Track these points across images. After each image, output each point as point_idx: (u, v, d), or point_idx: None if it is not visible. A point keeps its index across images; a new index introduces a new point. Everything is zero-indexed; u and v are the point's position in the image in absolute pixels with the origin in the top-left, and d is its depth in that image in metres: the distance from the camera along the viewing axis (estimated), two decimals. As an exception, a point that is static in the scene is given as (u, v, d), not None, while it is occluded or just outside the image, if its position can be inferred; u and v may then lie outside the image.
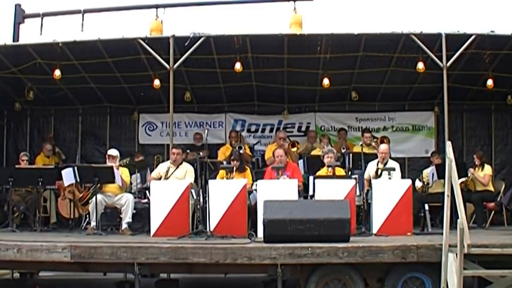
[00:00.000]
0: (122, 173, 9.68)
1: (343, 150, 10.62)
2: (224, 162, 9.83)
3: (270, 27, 14.87)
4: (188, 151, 10.53)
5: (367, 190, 9.28)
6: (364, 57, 11.10)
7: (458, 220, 6.64)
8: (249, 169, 9.91)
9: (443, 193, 7.25)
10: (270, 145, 11.75)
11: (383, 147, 9.77)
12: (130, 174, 10.07)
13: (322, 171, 9.60)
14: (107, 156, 9.87)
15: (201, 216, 8.88)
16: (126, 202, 9.37)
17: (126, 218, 9.33)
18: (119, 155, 9.87)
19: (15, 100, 12.57)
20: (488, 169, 10.37)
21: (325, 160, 9.54)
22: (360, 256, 7.15)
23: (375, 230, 8.62)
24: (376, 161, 9.61)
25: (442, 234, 7.07)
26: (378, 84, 12.25)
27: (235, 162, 9.42)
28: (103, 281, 9.01)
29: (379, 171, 9.33)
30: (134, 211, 9.55)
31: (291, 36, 10.21)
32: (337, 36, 10.11)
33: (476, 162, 10.47)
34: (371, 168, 9.57)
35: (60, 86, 12.06)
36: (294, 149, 11.12)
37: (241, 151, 10.81)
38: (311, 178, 9.17)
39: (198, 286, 9.75)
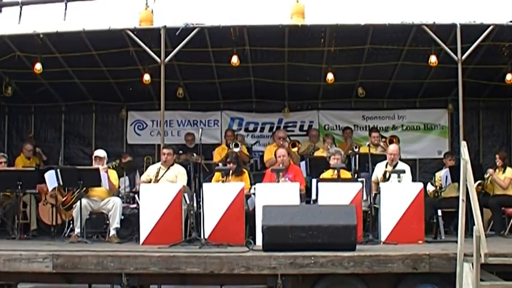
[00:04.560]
0: (110, 176, 9.61)
1: (355, 150, 10.60)
2: (220, 164, 9.81)
3: (270, 17, 14.84)
4: (180, 152, 10.52)
5: (375, 194, 9.28)
6: (371, 50, 11.14)
7: (475, 227, 6.62)
8: (246, 172, 9.91)
9: (457, 198, 7.26)
10: (269, 146, 11.75)
11: (392, 147, 9.78)
12: (118, 177, 10.02)
13: (327, 174, 9.60)
14: (93, 157, 9.84)
15: (195, 223, 8.87)
16: (114, 206, 9.28)
17: (114, 223, 9.26)
18: (106, 156, 9.83)
19: (-9, 96, 12.56)
20: (509, 172, 10.21)
21: (331, 162, 9.54)
22: (367, 266, 7.15)
23: (383, 237, 8.62)
24: (384, 162, 9.62)
25: (456, 242, 7.06)
26: (387, 79, 12.29)
27: (231, 164, 9.43)
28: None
29: (388, 174, 9.34)
30: (122, 217, 9.53)
31: (292, 27, 10.20)
32: (342, 28, 10.12)
33: (497, 163, 10.30)
34: (379, 170, 9.58)
35: (41, 81, 12.07)
36: (295, 149, 11.12)
37: (237, 149, 10.79)
38: (314, 181, 9.17)
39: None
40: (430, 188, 10.12)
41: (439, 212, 9.40)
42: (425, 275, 7.20)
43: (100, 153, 9.81)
